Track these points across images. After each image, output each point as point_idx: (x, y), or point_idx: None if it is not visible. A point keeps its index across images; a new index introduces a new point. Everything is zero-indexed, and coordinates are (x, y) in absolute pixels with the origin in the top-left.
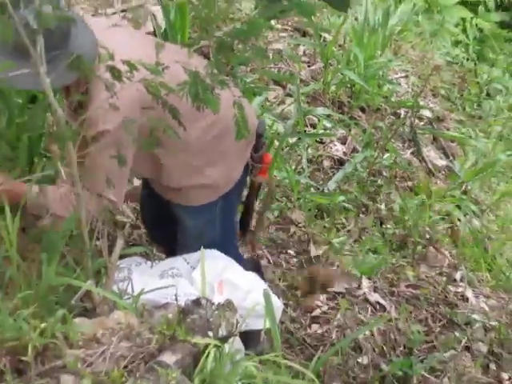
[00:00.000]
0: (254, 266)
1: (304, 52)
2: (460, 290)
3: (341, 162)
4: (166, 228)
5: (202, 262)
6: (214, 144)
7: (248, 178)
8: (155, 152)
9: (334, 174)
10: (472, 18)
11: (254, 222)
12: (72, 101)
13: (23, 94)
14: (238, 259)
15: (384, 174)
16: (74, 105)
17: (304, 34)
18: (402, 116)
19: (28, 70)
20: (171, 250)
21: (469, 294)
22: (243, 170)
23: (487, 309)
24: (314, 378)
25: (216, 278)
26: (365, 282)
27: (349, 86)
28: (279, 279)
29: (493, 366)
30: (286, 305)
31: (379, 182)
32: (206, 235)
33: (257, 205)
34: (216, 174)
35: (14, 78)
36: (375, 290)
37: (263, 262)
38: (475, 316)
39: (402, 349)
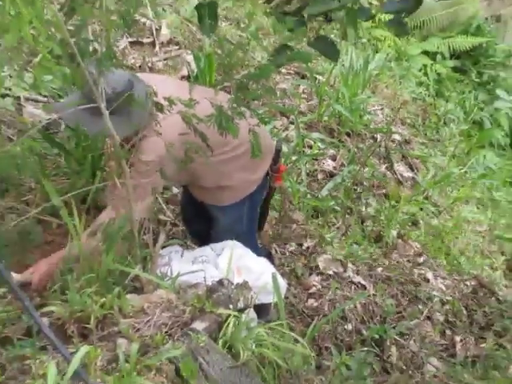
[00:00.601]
0: (266, 253)
1: (303, 90)
2: (423, 272)
3: (331, 175)
4: (200, 224)
5: (225, 251)
6: (239, 159)
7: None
8: (192, 166)
9: (326, 184)
10: (432, 64)
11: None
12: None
13: None
14: (256, 248)
15: (364, 183)
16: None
17: (303, 77)
18: (378, 139)
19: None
20: (203, 242)
21: (429, 275)
22: (263, 177)
23: (443, 287)
24: (307, 346)
25: (235, 263)
26: (350, 267)
27: (337, 116)
28: (283, 264)
29: (448, 332)
30: (289, 284)
31: (360, 189)
32: (235, 229)
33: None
34: (242, 178)
35: (84, 123)
36: (357, 272)
37: (272, 251)
38: (434, 293)
39: (378, 318)
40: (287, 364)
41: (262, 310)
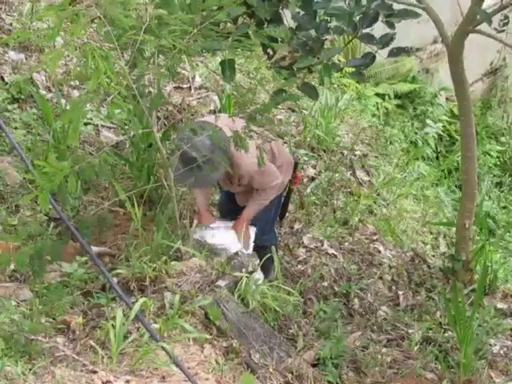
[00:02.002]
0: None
1: (293, 120)
2: (376, 246)
3: (313, 179)
4: (234, 214)
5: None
6: (281, 169)
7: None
8: None
9: (309, 185)
10: (382, 102)
11: None
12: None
13: (144, 141)
14: (274, 230)
15: (335, 184)
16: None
17: (293, 110)
18: (345, 154)
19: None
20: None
21: (381, 248)
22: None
23: (391, 256)
24: (297, 295)
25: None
26: (325, 243)
27: (317, 138)
28: (280, 241)
29: (394, 287)
30: (283, 254)
31: (333, 189)
32: (264, 217)
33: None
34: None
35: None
36: (331, 246)
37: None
38: (384, 260)
39: (345, 278)
40: (282, 310)
41: (265, 272)
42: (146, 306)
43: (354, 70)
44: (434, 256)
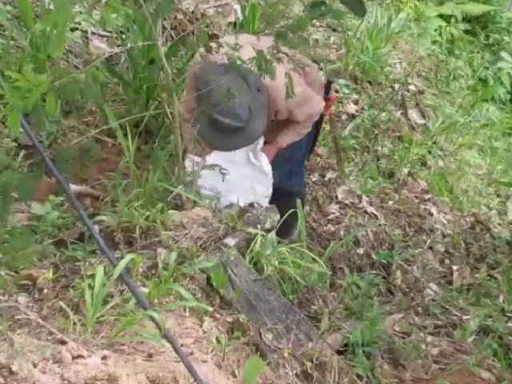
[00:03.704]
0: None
1: (333, 42)
2: (428, 207)
3: (353, 117)
4: None
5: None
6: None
7: None
8: None
9: (348, 124)
10: (446, 26)
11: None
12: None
13: (145, 57)
14: (303, 171)
15: (381, 126)
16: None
17: (334, 30)
18: (395, 88)
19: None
20: None
21: (434, 210)
22: None
23: (445, 222)
24: (323, 265)
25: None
26: (364, 199)
27: (361, 66)
28: (307, 193)
29: (447, 261)
30: (310, 210)
31: (377, 131)
32: (294, 156)
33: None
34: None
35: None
36: (371, 204)
37: None
38: (437, 226)
39: (386, 245)
40: (305, 280)
41: (286, 231)
42: (134, 264)
43: None
44: (499, 224)
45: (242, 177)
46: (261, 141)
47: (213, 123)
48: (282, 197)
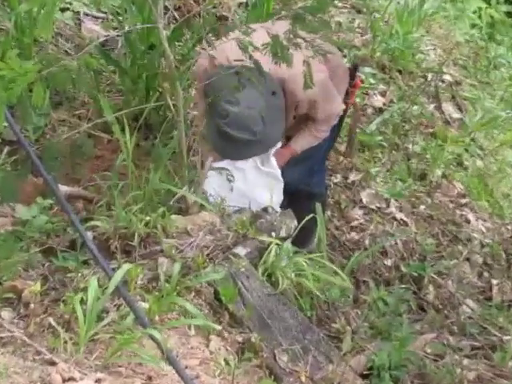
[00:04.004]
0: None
1: (358, 25)
2: (464, 213)
3: (380, 110)
4: None
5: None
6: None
7: None
8: None
9: (374, 119)
10: (486, 8)
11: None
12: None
13: (144, 41)
14: (323, 170)
15: (412, 121)
16: None
17: (359, 12)
18: (428, 78)
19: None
20: None
21: (471, 217)
22: None
23: (484, 230)
24: (345, 278)
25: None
26: (393, 203)
27: (390, 53)
28: (328, 196)
29: (486, 274)
30: (332, 216)
31: (408, 127)
32: (314, 155)
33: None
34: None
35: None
36: (400, 209)
37: None
38: (475, 234)
39: (417, 256)
40: (325, 295)
41: (304, 239)
42: (132, 276)
43: None
44: None
45: (248, 183)
46: (278, 144)
47: (222, 134)
48: (299, 199)
